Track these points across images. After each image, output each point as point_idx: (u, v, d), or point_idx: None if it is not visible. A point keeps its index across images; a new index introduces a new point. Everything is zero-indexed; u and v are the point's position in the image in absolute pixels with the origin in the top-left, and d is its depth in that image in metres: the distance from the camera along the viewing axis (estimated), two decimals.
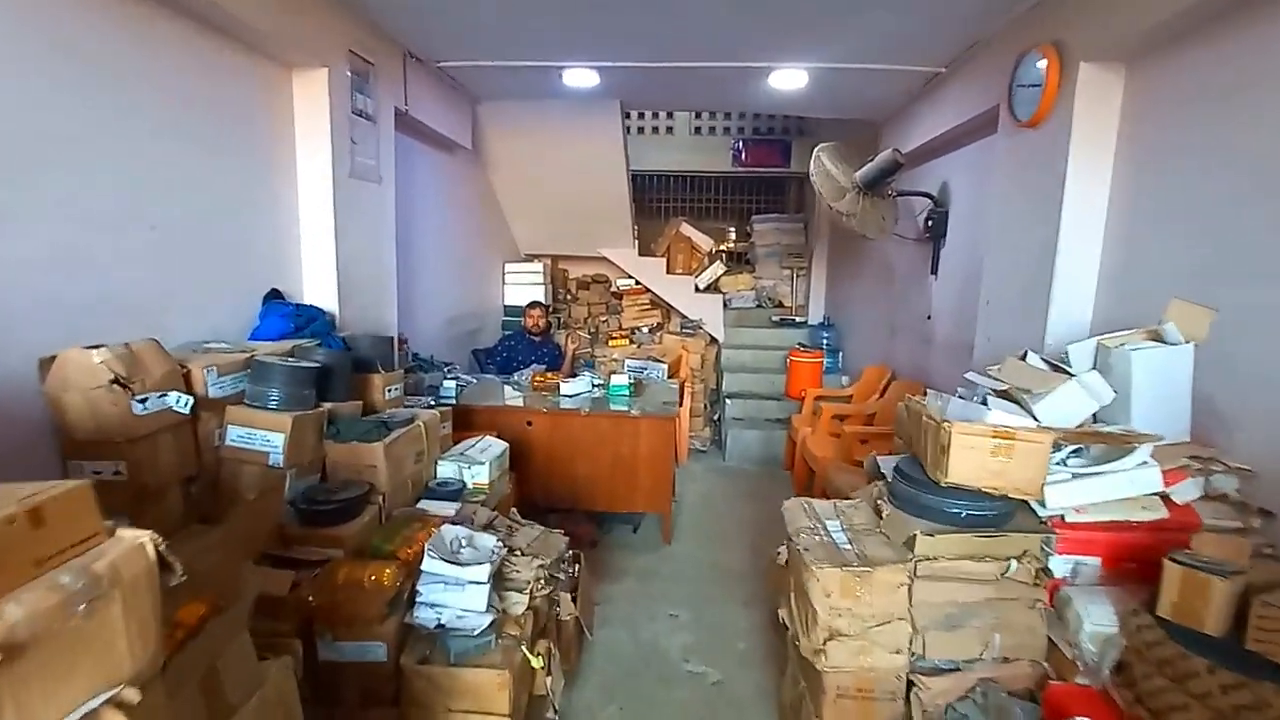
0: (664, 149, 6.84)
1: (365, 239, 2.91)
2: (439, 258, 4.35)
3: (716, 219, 7.32)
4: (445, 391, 3.45)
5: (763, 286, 6.58)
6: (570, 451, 3.41)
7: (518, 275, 5.72)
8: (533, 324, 4.71)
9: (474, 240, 5.02)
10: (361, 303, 2.89)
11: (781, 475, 4.72)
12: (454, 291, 4.67)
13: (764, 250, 6.63)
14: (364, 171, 2.86)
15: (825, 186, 3.67)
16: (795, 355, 5.23)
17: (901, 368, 4.19)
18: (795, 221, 6.70)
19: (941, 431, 1.64)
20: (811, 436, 4.10)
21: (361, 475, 2.09)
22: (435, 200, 4.25)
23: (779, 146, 6.70)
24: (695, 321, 5.93)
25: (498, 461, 2.60)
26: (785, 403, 5.25)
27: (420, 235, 4.03)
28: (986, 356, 2.79)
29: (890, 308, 4.43)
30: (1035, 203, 2.48)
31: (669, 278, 6.11)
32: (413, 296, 3.93)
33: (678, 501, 4.07)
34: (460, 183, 4.65)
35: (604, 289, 6.77)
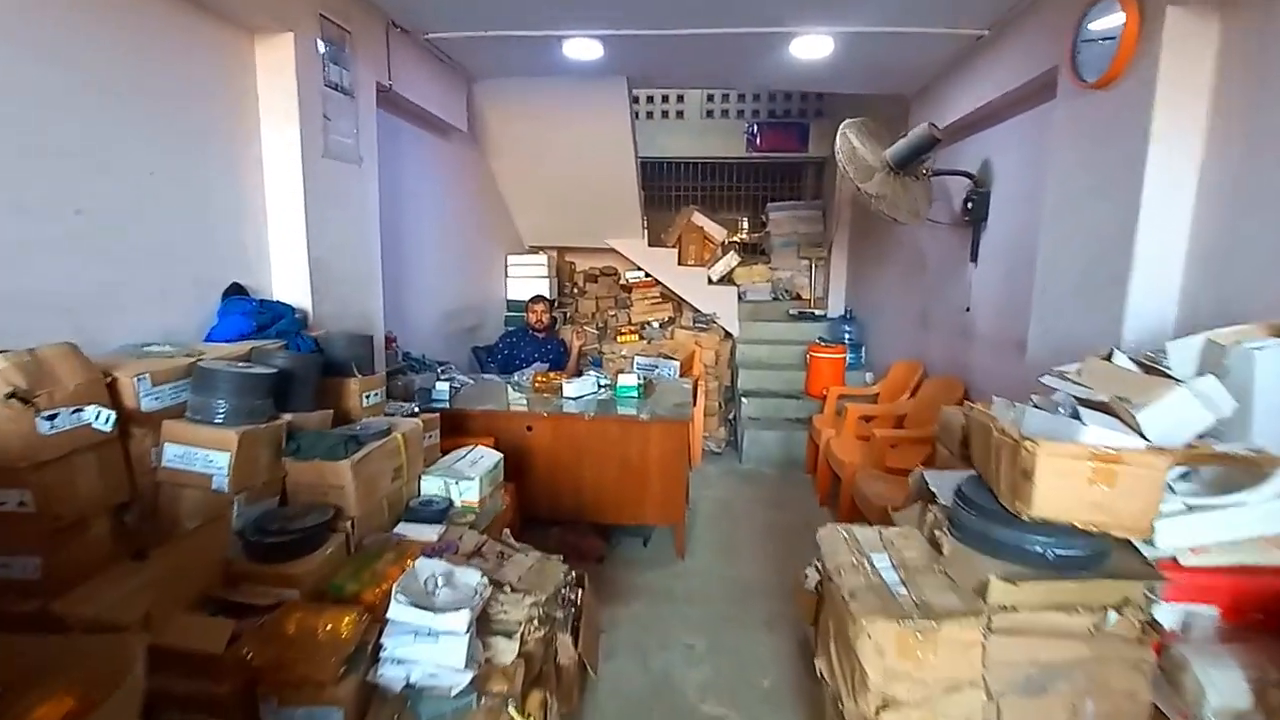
0: (674, 134, 6.51)
1: (344, 227, 2.62)
2: (434, 249, 4.06)
3: (730, 208, 6.98)
4: (438, 394, 3.16)
5: (779, 278, 6.24)
6: (575, 459, 3.11)
7: (521, 268, 5.42)
8: (535, 320, 4.42)
9: (473, 231, 4.72)
10: (340, 298, 2.61)
11: (803, 479, 4.40)
12: (452, 285, 4.38)
13: (780, 240, 6.30)
14: (340, 152, 2.57)
15: (852, 166, 3.34)
16: (815, 351, 4.90)
17: (935, 364, 3.85)
18: (813, 209, 6.35)
19: (1023, 452, 1.33)
20: (836, 440, 3.77)
21: (327, 498, 1.81)
22: (429, 187, 3.95)
23: (796, 130, 6.35)
24: (708, 316, 5.61)
25: (490, 475, 2.31)
26: (805, 401, 4.93)
27: (413, 225, 3.74)
28: (1043, 353, 2.46)
29: (922, 299, 4.09)
30: (1107, 176, 2.14)
31: (680, 269, 5.79)
32: (404, 291, 3.65)
33: (692, 509, 3.77)
34: (457, 169, 4.35)
35: (613, 282, 6.47)
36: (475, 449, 2.44)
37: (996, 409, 1.59)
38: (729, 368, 5.53)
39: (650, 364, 4.41)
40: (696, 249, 5.89)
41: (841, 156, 3.35)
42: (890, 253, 4.74)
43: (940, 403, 3.50)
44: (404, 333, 3.55)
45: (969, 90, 3.29)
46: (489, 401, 3.23)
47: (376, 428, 1.99)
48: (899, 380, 4.16)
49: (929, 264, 4.02)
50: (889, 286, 4.77)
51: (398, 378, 3.11)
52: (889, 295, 4.77)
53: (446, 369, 3.54)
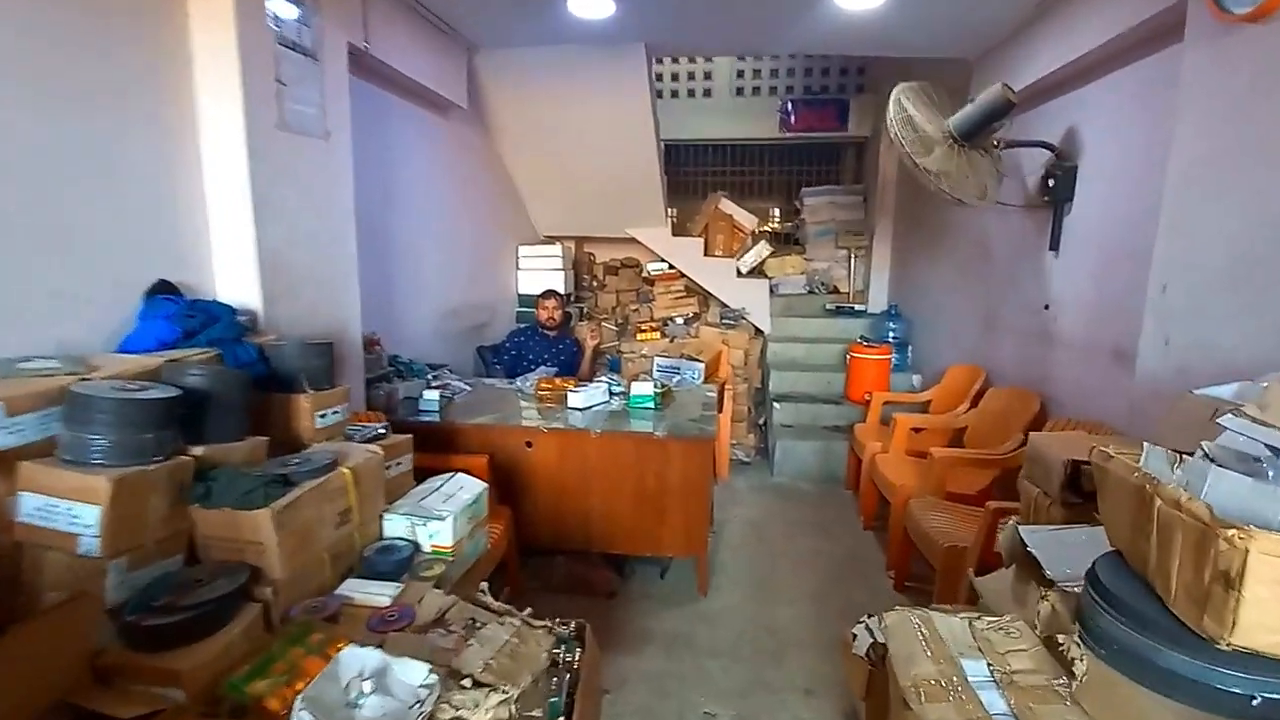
0: (700, 114, 6.02)
1: (307, 213, 2.23)
2: (433, 240, 3.67)
3: (761, 194, 6.46)
4: (426, 405, 2.78)
5: (815, 270, 5.73)
6: (582, 481, 2.70)
7: (534, 260, 5.01)
8: (546, 317, 4.01)
9: (479, 219, 4.32)
10: (304, 297, 2.22)
11: (843, 496, 3.92)
12: (454, 280, 3.99)
13: (816, 228, 5.77)
14: (301, 123, 2.18)
15: (908, 138, 2.83)
16: (857, 351, 4.39)
17: (1002, 370, 3.32)
18: (853, 194, 5.81)
19: (1221, 544, 0.85)
20: (885, 458, 3.28)
21: (244, 556, 1.42)
22: (425, 170, 3.56)
23: (834, 107, 5.80)
24: (737, 311, 5.13)
25: (468, 512, 1.90)
26: (844, 407, 4.43)
27: (405, 212, 3.35)
28: (1163, 368, 1.94)
29: (985, 294, 3.56)
30: (1270, 133, 1.62)
31: (707, 261, 5.32)
32: (395, 287, 3.27)
33: (716, 533, 3.34)
34: (459, 150, 3.95)
35: (635, 274, 6.03)
36: (455, 477, 2.03)
37: (1151, 460, 1.11)
38: (759, 368, 5.06)
39: (671, 366, 3.96)
40: (724, 238, 5.41)
41: (895, 127, 2.84)
42: (944, 241, 4.20)
43: (1011, 418, 2.99)
44: (394, 334, 3.17)
45: (1051, 45, 2.75)
46: (487, 412, 2.82)
47: (318, 461, 1.59)
48: (955, 387, 3.64)
49: (994, 254, 3.48)
50: (942, 280, 4.23)
51: (379, 386, 2.73)
52: (942, 289, 4.23)
53: (441, 374, 3.15)
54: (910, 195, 4.98)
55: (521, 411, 2.88)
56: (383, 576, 1.63)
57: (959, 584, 2.31)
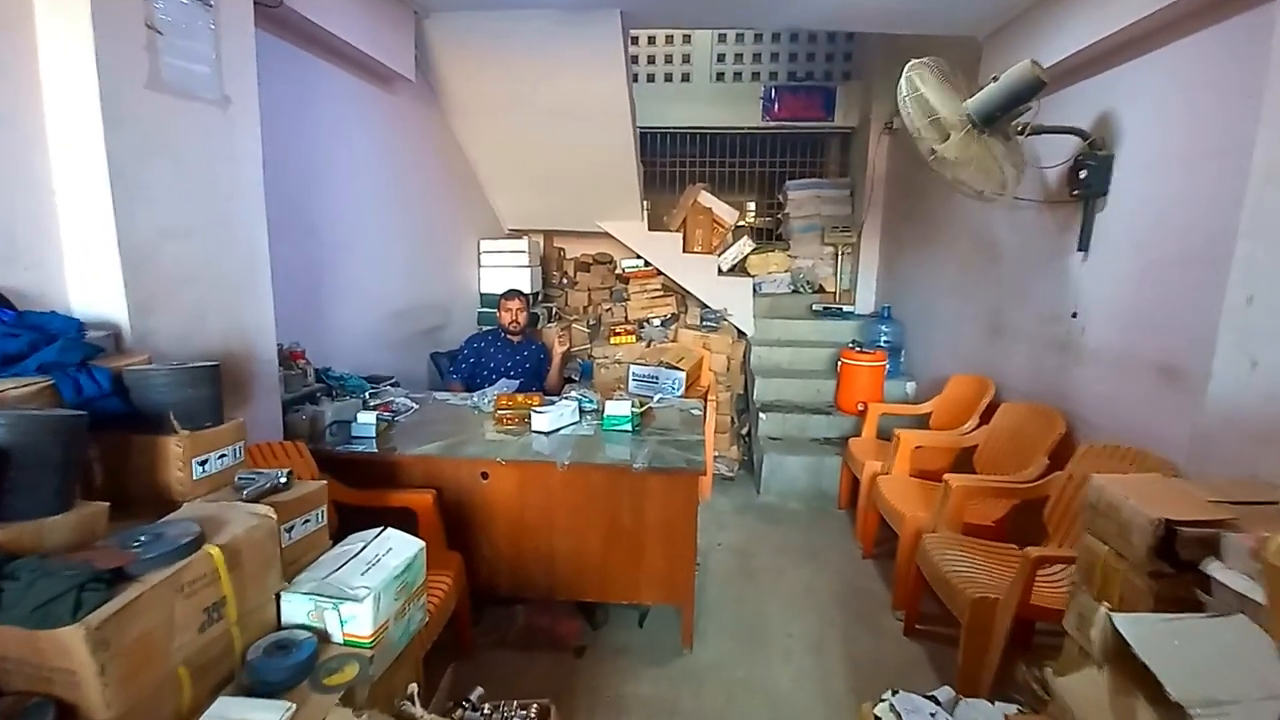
0: (679, 101, 5.62)
1: (193, 196, 1.77)
2: (374, 230, 3.20)
3: (741, 188, 6.09)
4: (360, 430, 2.33)
5: (799, 267, 5.40)
6: (546, 518, 2.29)
7: (497, 255, 4.56)
8: (509, 320, 3.58)
9: (433, 209, 3.86)
10: (188, 302, 1.76)
11: (836, 517, 3.59)
12: (402, 276, 3.53)
13: (801, 223, 5.44)
14: (185, 83, 1.71)
15: (920, 122, 2.47)
16: (849, 357, 4.05)
17: (1015, 383, 3.01)
18: (840, 188, 5.48)
19: None
20: (887, 480, 2.95)
21: (51, 686, 0.98)
22: (365, 150, 3.09)
23: (820, 96, 5.46)
24: (718, 312, 4.76)
25: (398, 583, 1.48)
26: (835, 417, 4.10)
27: (340, 198, 2.89)
28: (1249, 395, 1.62)
29: (993, 298, 3.24)
30: None
31: (685, 257, 4.94)
32: (325, 286, 2.80)
33: (700, 565, 2.96)
34: (407, 129, 3.49)
35: (608, 271, 5.62)
36: (383, 535, 1.61)
37: None
38: (742, 373, 4.70)
39: (649, 376, 3.58)
40: (704, 234, 5.03)
41: (908, 105, 2.48)
42: (943, 239, 3.88)
43: (1030, 438, 2.67)
44: (325, 343, 2.71)
45: (1083, 17, 2.42)
46: (436, 436, 2.39)
47: (172, 539, 1.15)
48: (960, 400, 3.32)
49: (1003, 253, 3.16)
50: (940, 281, 3.92)
51: (301, 409, 2.27)
52: (940, 291, 3.92)
53: (382, 391, 2.70)
54: (902, 189, 4.67)
55: (477, 435, 2.45)
56: (272, 687, 1.20)
57: (989, 642, 1.98)
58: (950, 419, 3.31)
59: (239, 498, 1.43)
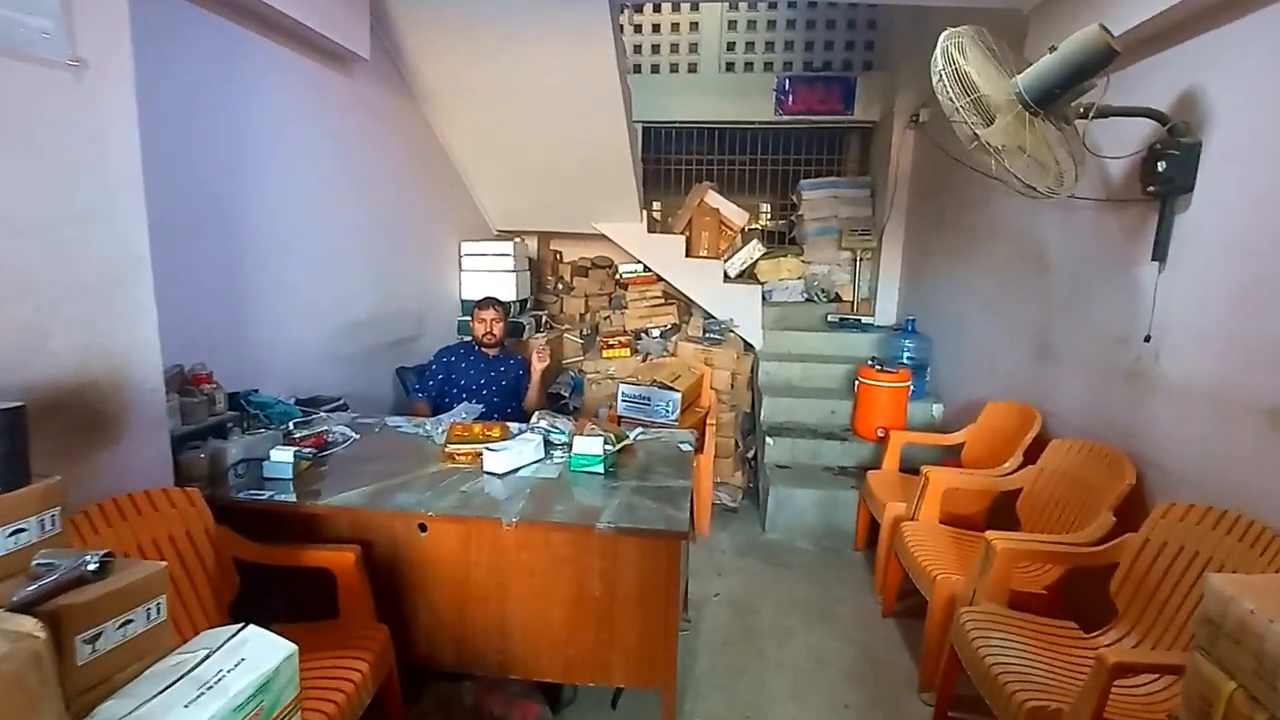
0: (685, 93, 5.20)
1: (30, 186, 1.39)
2: (325, 230, 2.82)
3: (752, 187, 5.65)
4: (274, 469, 1.94)
5: (813, 274, 4.96)
6: (497, 581, 1.88)
7: (480, 259, 4.17)
8: (484, 331, 3.20)
9: (403, 207, 3.48)
10: (22, 320, 1.38)
11: (852, 561, 3.14)
12: (362, 282, 3.15)
13: (815, 226, 5.00)
14: (11, 38, 1.33)
15: (960, 102, 2.03)
16: (868, 377, 3.60)
17: (1067, 415, 2.54)
18: (859, 187, 5.03)
19: None
20: (913, 528, 2.50)
21: None
22: (314, 141, 2.71)
23: (839, 87, 5.01)
24: (724, 323, 4.33)
25: (245, 711, 1.07)
26: (852, 443, 3.64)
27: (276, 193, 2.50)
28: None
29: (1041, 313, 2.77)
30: None
31: (689, 262, 4.52)
32: (255, 294, 2.41)
33: (690, 622, 2.54)
34: (367, 117, 3.10)
35: (607, 275, 5.23)
36: (239, 637, 1.20)
37: None
38: (749, 390, 4.26)
39: (639, 397, 3.17)
40: (710, 236, 4.61)
41: (945, 86, 2.04)
42: (978, 245, 3.42)
43: (1091, 488, 2.19)
44: (252, 361, 2.33)
45: None
46: (369, 475, 2.00)
47: None
48: (998, 431, 2.86)
49: (1054, 262, 2.70)
50: (974, 292, 3.45)
51: (200, 446, 1.88)
52: (973, 304, 3.45)
53: (314, 419, 2.31)
54: (930, 189, 4.21)
55: (422, 474, 2.05)
56: None
57: None
58: (987, 453, 2.85)
59: (19, 594, 1.04)
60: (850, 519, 3.29)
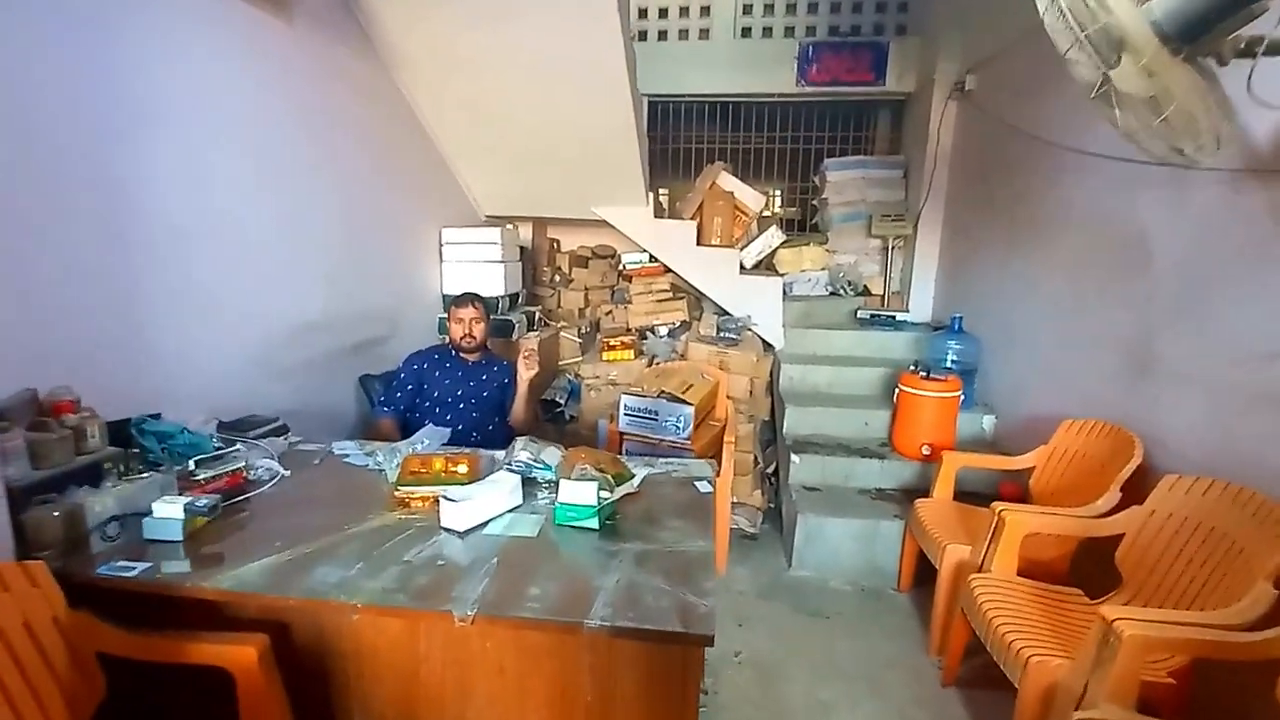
0: (696, 63, 4.65)
1: None
2: (263, 217, 2.32)
3: (770, 169, 5.11)
4: (158, 528, 1.45)
5: (839, 264, 4.44)
6: (456, 678, 1.40)
7: (464, 248, 3.66)
8: (462, 334, 2.72)
9: (368, 189, 2.97)
10: None
11: (898, 606, 2.65)
12: (317, 278, 2.64)
13: (841, 211, 4.48)
14: None
15: (1084, 30, 1.50)
16: (911, 384, 3.08)
17: (1181, 447, 2.02)
18: (890, 167, 4.49)
19: None
20: (988, 586, 1.99)
21: None
22: (237, 104, 2.19)
23: (868, 54, 4.46)
24: (740, 321, 3.82)
25: None
26: (892, 461, 3.14)
27: (194, 171, 2.00)
28: None
29: (1139, 317, 2.25)
30: None
31: (701, 251, 4.00)
32: (163, 293, 1.91)
33: (707, 697, 2.06)
34: (315, 79, 2.58)
35: (609, 266, 4.73)
36: None
37: None
38: (769, 396, 3.76)
39: (645, 410, 2.69)
40: (724, 223, 4.09)
41: (1057, 11, 1.51)
42: (1046, 230, 2.89)
43: (1240, 547, 1.66)
44: (154, 378, 1.84)
45: None
46: (290, 533, 1.51)
47: None
48: (1079, 456, 2.36)
49: (1160, 252, 2.17)
50: (1041, 287, 2.93)
51: (51, 500, 1.39)
52: (1040, 301, 2.93)
53: (229, 451, 1.81)
54: (976, 167, 3.68)
55: (360, 531, 1.56)
56: None
57: None
58: (1067, 484, 2.35)
59: None
60: (892, 554, 2.80)
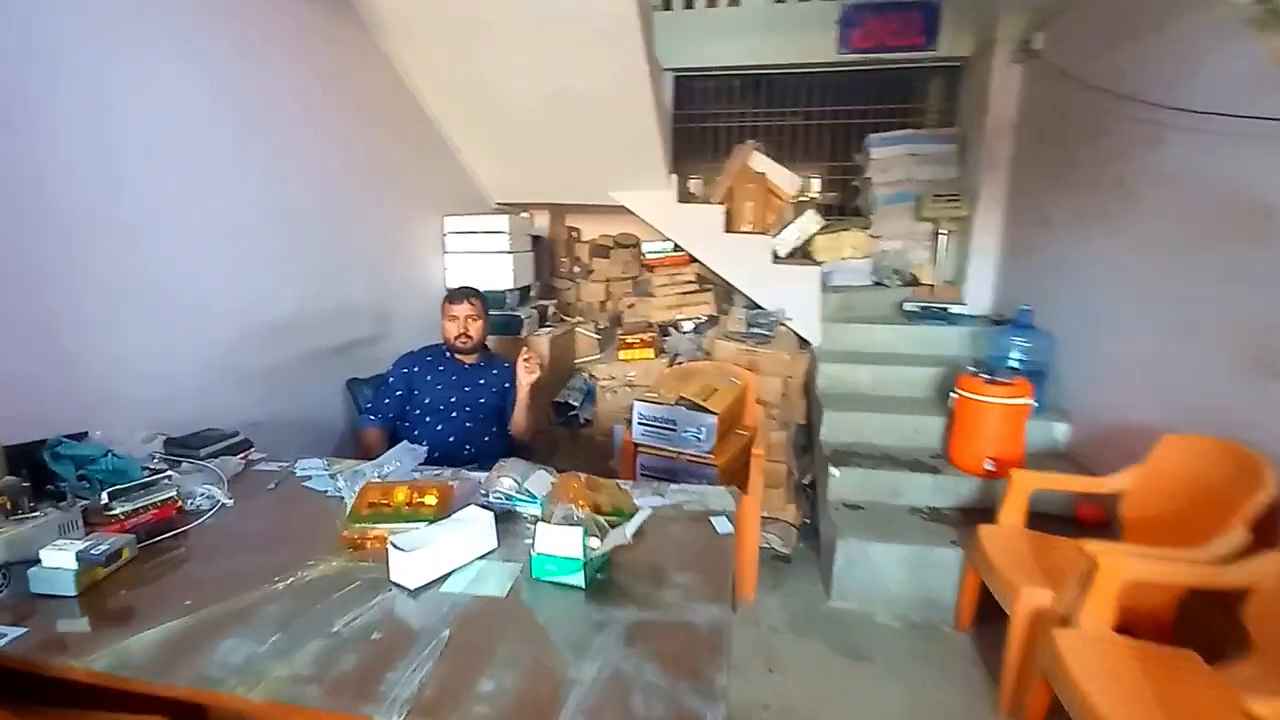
0: (725, 33, 4.26)
1: None
2: (213, 202, 2.05)
3: (808, 147, 4.68)
4: (44, 582, 1.20)
5: (884, 251, 4.02)
6: None
7: (468, 237, 3.37)
8: (457, 333, 2.44)
9: (351, 172, 2.69)
10: None
11: (958, 648, 2.27)
12: (286, 271, 2.38)
13: (887, 191, 4.05)
14: None
15: None
16: (971, 387, 2.67)
17: None
18: (943, 141, 4.05)
19: None
20: (1080, 647, 1.61)
21: None
22: (179, 67, 1.93)
23: (918, 15, 4.01)
24: (773, 315, 3.44)
25: None
26: (948, 476, 2.73)
27: (112, 145, 1.74)
28: None
29: (1267, 308, 1.82)
30: None
31: (729, 239, 3.64)
32: (92, 288, 1.65)
33: None
34: (279, 40, 2.31)
35: (632, 256, 4.40)
36: None
37: None
38: (804, 398, 3.38)
39: (663, 420, 2.37)
40: (756, 207, 3.70)
41: None
42: (1138, 203, 2.44)
43: None
44: (88, 392, 1.59)
45: None
46: (209, 590, 1.23)
47: None
48: (1187, 480, 1.93)
49: None
50: (1131, 271, 2.48)
51: None
52: (1132, 289, 2.48)
53: (159, 479, 1.54)
54: (1048, 136, 3.22)
55: (292, 583, 1.27)
56: None
57: None
58: (1171, 516, 1.93)
59: None
60: (949, 585, 2.41)
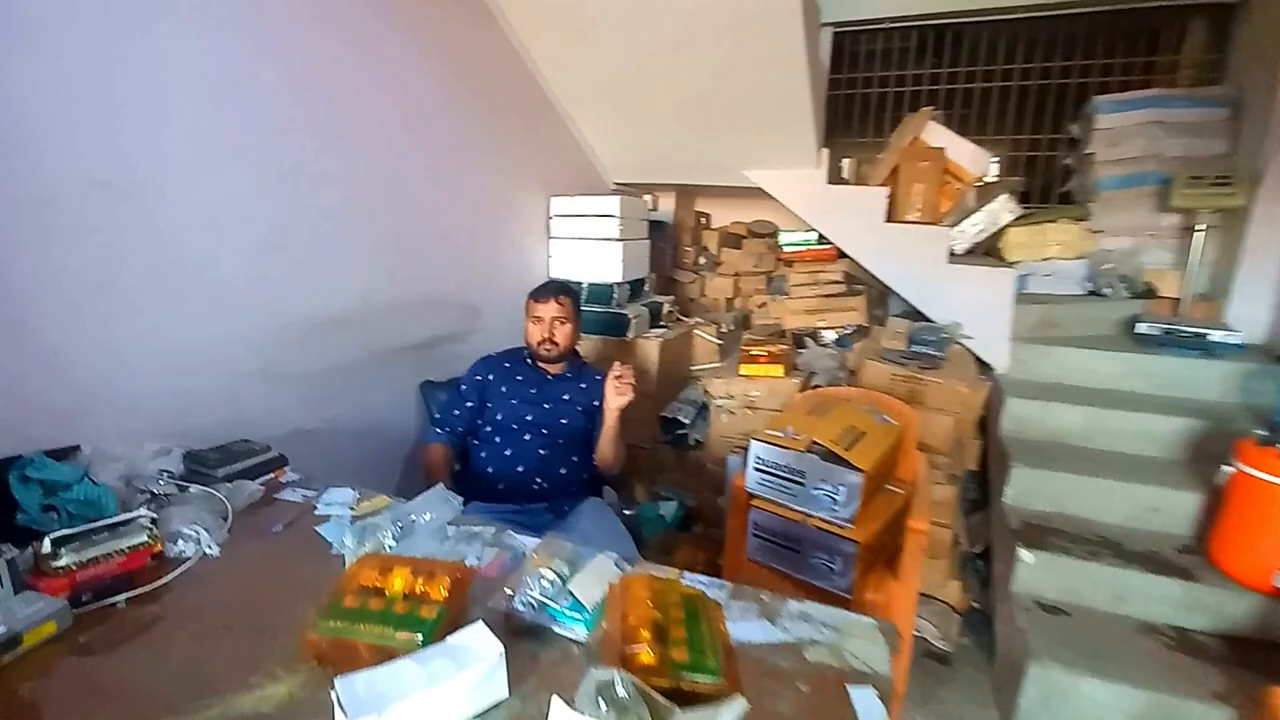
0: None
1: None
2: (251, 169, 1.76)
3: (1000, 118, 3.72)
4: None
5: (1106, 251, 3.06)
6: None
7: (574, 221, 2.95)
8: (541, 338, 2.02)
9: (444, 145, 2.35)
10: None
11: None
12: (353, 256, 2.07)
13: (1117, 172, 3.07)
14: None
15: None
16: (1259, 463, 1.79)
17: None
18: (1208, 104, 2.97)
19: None
20: None
21: None
22: None
23: None
24: (944, 330, 2.68)
25: None
26: (1208, 586, 1.87)
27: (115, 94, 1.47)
28: None
29: None
30: None
31: (892, 230, 2.91)
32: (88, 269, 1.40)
33: None
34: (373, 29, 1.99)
35: (768, 248, 3.80)
36: None
37: None
38: (979, 438, 2.59)
39: (786, 470, 1.79)
40: (929, 191, 2.94)
41: None
42: None
43: None
44: (88, 395, 1.34)
45: None
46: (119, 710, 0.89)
47: None
48: None
49: None
50: None
51: None
52: None
53: (133, 518, 1.24)
54: None
55: (220, 710, 0.89)
56: None
57: None
58: None
59: None
60: None
